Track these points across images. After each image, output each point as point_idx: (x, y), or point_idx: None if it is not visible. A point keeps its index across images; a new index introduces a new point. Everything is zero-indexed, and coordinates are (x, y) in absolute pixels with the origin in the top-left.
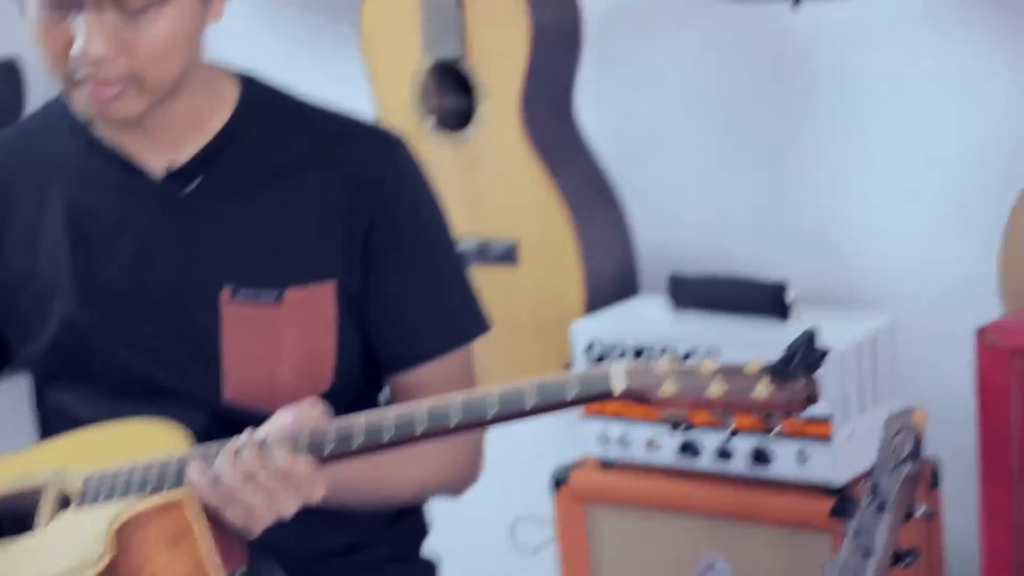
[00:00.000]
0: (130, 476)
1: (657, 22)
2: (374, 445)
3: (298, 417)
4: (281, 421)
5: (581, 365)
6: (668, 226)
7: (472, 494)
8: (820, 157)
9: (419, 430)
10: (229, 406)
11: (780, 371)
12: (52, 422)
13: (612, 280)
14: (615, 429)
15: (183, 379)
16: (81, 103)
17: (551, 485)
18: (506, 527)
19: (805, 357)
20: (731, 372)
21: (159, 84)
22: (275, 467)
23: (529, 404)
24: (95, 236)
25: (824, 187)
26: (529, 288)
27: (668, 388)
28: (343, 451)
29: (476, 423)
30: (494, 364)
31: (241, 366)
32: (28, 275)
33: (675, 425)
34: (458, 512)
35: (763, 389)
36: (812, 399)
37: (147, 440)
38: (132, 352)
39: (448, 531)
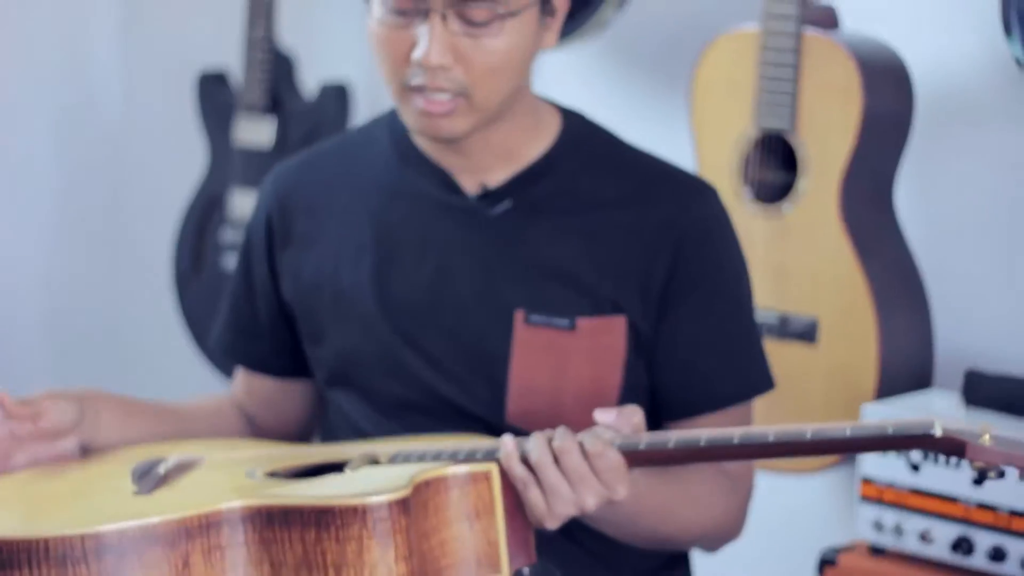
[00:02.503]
0: (440, 448)
1: (984, 117)
2: (689, 452)
3: (618, 418)
4: (600, 418)
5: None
6: (968, 322)
7: (736, 566)
8: None
9: (736, 440)
10: (510, 428)
11: None
12: (334, 426)
13: (907, 370)
14: (890, 517)
15: (468, 397)
16: (411, 114)
17: (817, 566)
18: None
19: None
20: None
21: (487, 103)
22: (586, 450)
23: (847, 434)
24: (400, 247)
25: None
26: (823, 368)
27: (986, 440)
28: (655, 452)
29: (792, 447)
30: None
31: (526, 389)
32: (331, 279)
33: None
34: None
35: None
36: None
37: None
38: (421, 365)
39: None
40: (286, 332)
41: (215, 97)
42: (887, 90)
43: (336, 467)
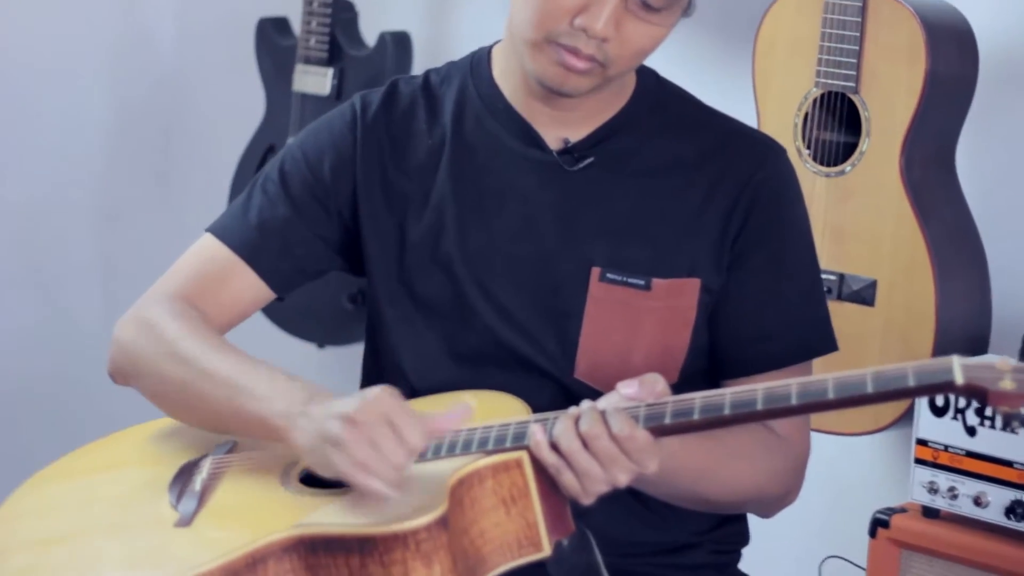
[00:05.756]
0: (469, 435)
1: None
2: (713, 420)
3: (641, 389)
4: (624, 391)
5: (924, 412)
6: None
7: (788, 525)
8: None
9: (759, 406)
10: (577, 383)
11: None
12: (397, 365)
13: (964, 335)
14: (944, 480)
15: (537, 350)
16: (543, 63)
17: (871, 527)
18: (815, 564)
19: None
20: None
21: (616, 76)
22: (613, 434)
23: (868, 390)
24: (481, 196)
25: None
26: (880, 330)
27: (1007, 384)
28: (681, 424)
29: (814, 405)
30: None
31: (596, 347)
32: (414, 222)
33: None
34: (771, 541)
35: None
36: None
37: (488, 408)
38: (493, 315)
39: (758, 559)
40: (318, 260)
41: (274, 43)
42: (952, 52)
43: None
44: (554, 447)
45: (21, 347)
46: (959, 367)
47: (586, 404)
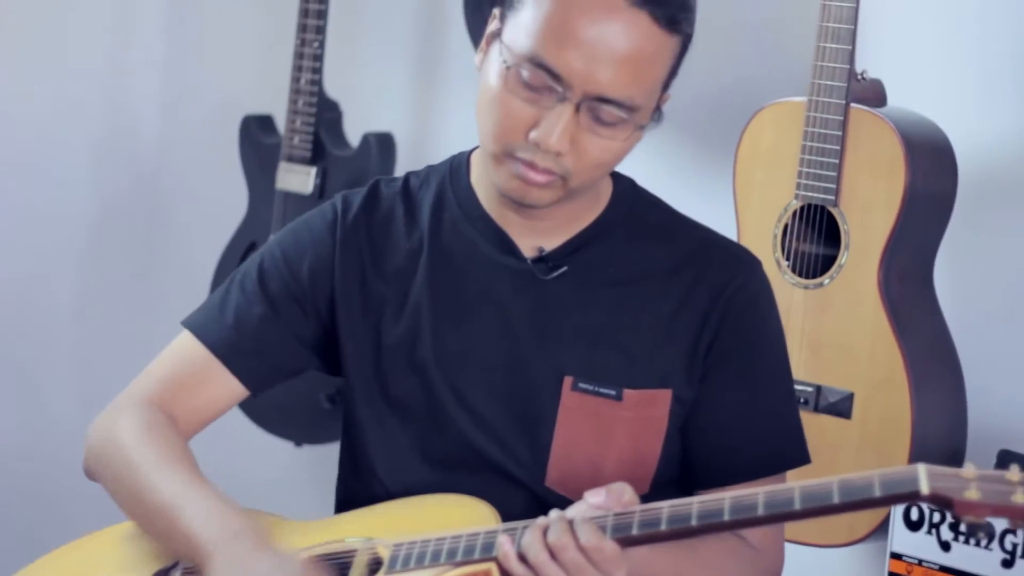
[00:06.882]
0: (438, 545)
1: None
2: (680, 530)
3: (608, 498)
4: (591, 500)
5: (899, 525)
6: (1002, 402)
7: None
8: None
9: (726, 517)
10: (548, 492)
11: None
12: (370, 466)
13: (940, 448)
14: None
15: (509, 458)
16: (503, 176)
17: None
18: None
19: None
20: None
21: (579, 188)
22: (581, 545)
23: (835, 500)
24: (456, 303)
25: None
26: (856, 443)
27: (973, 493)
28: (649, 534)
29: (780, 515)
30: None
31: (568, 455)
32: (388, 327)
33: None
34: None
35: None
36: None
37: (457, 515)
38: (466, 422)
39: None
40: (293, 359)
41: (258, 141)
42: (931, 167)
43: (337, 571)
44: (522, 558)
45: None
46: (925, 476)
47: (554, 514)
